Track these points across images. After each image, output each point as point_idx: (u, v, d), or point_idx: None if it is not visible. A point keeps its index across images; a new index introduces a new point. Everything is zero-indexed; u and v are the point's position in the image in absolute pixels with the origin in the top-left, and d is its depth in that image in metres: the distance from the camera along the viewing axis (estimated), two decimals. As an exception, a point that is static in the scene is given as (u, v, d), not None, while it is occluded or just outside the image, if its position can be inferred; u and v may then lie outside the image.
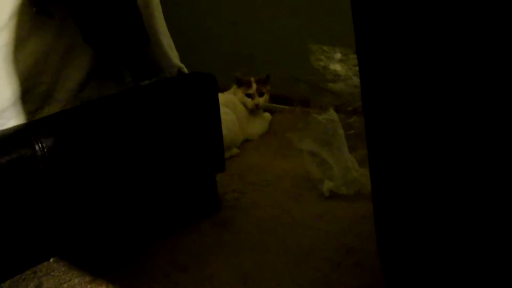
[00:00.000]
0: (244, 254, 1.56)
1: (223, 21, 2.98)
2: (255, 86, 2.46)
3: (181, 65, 1.69)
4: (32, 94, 1.36)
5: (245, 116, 2.44)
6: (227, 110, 2.28)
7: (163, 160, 1.56)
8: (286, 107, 2.71)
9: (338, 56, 2.18)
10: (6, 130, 1.28)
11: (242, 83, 2.47)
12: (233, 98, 2.46)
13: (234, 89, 2.51)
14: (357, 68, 1.28)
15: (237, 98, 2.47)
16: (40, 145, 1.23)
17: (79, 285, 1.45)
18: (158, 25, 1.61)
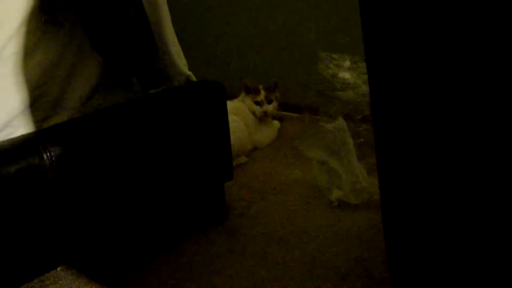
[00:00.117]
0: (251, 263, 1.55)
1: (232, 29, 2.99)
2: (263, 93, 2.45)
3: (190, 73, 1.69)
4: (40, 103, 1.37)
5: (254, 124, 2.44)
6: (235, 118, 2.28)
7: (171, 168, 1.55)
8: (295, 115, 2.70)
9: (347, 64, 2.18)
10: (14, 138, 1.29)
11: (251, 91, 2.47)
12: (241, 105, 2.45)
13: (242, 96, 2.51)
14: (366, 76, 1.28)
15: (245, 105, 2.46)
16: (48, 154, 1.23)
17: (86, 294, 1.45)
18: (166, 33, 1.62)
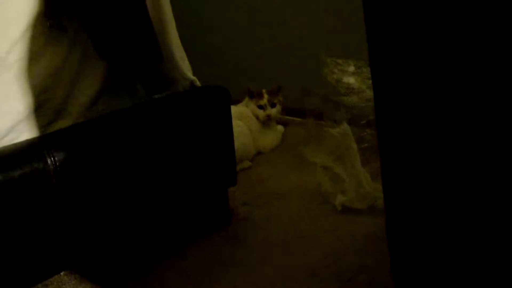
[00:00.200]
0: (254, 268, 1.54)
1: (236, 33, 2.99)
2: (266, 97, 2.45)
3: (194, 78, 1.69)
4: (45, 108, 1.37)
5: (258, 129, 2.44)
6: (239, 123, 2.28)
7: (175, 173, 1.55)
8: (299, 119, 2.70)
9: (352, 69, 2.18)
10: (18, 143, 1.29)
11: (254, 95, 2.47)
12: (245, 110, 2.46)
13: (246, 101, 2.51)
14: (371, 81, 1.28)
15: (249, 110, 2.46)
16: (52, 159, 1.24)
17: (89, 299, 1.45)
18: (171, 38, 1.62)
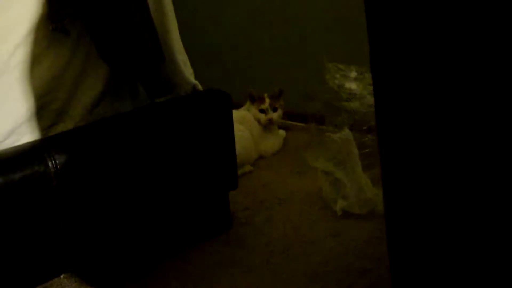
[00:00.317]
0: (255, 273, 1.54)
1: (238, 37, 2.99)
2: (268, 101, 2.45)
3: (196, 82, 1.70)
4: (47, 110, 1.38)
5: (259, 133, 2.44)
6: (241, 127, 2.28)
7: (176, 177, 1.55)
8: (300, 124, 2.70)
9: (354, 74, 2.18)
10: (19, 146, 1.29)
11: (256, 99, 2.47)
12: (247, 114, 2.46)
13: (248, 105, 2.51)
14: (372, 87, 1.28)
15: (251, 114, 2.46)
16: (53, 161, 1.24)
17: (89, 302, 1.45)
18: (173, 42, 1.62)
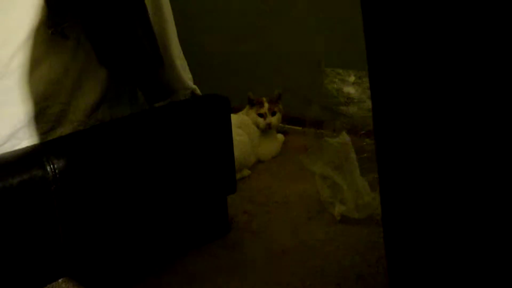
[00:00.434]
0: (253, 277, 1.54)
1: (237, 41, 3.00)
2: (267, 105, 2.46)
3: (194, 86, 1.70)
4: (45, 115, 1.38)
5: (258, 137, 2.44)
6: (239, 131, 2.28)
7: (175, 181, 1.56)
8: (299, 128, 2.70)
9: (352, 79, 2.18)
10: (18, 150, 1.30)
11: (254, 103, 2.48)
12: (246, 119, 2.46)
13: (247, 109, 2.51)
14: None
15: (249, 118, 2.47)
16: (51, 166, 1.24)
17: (87, 306, 1.45)
18: (172, 47, 1.63)
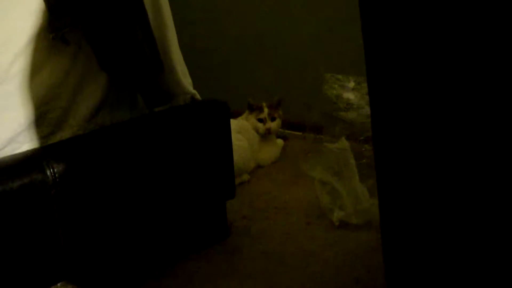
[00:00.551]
0: (251, 282, 1.54)
1: (237, 47, 3.01)
2: (266, 110, 2.46)
3: (194, 91, 1.71)
4: (46, 119, 1.38)
5: (257, 142, 2.44)
6: (239, 136, 2.29)
7: (174, 186, 1.56)
8: (298, 133, 2.71)
9: (352, 84, 2.19)
10: (18, 154, 1.30)
11: (254, 108, 2.48)
12: (245, 124, 2.46)
13: (246, 114, 2.52)
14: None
15: (249, 123, 2.47)
16: (51, 170, 1.25)
17: (85, 310, 1.45)
18: (172, 52, 1.63)
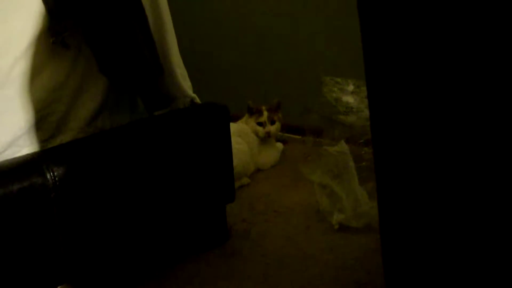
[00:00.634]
0: (251, 285, 1.55)
1: (237, 50, 3.01)
2: (266, 114, 2.46)
3: (194, 95, 1.71)
4: (46, 123, 1.38)
5: (257, 146, 2.44)
6: (239, 140, 2.29)
7: (174, 189, 1.56)
8: (298, 137, 2.71)
9: (351, 88, 2.19)
10: (18, 158, 1.30)
11: (254, 112, 2.48)
12: (245, 127, 2.46)
13: (246, 118, 2.52)
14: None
15: (249, 127, 2.47)
16: (51, 173, 1.25)
17: (85, 314, 1.45)
18: (172, 55, 1.63)
